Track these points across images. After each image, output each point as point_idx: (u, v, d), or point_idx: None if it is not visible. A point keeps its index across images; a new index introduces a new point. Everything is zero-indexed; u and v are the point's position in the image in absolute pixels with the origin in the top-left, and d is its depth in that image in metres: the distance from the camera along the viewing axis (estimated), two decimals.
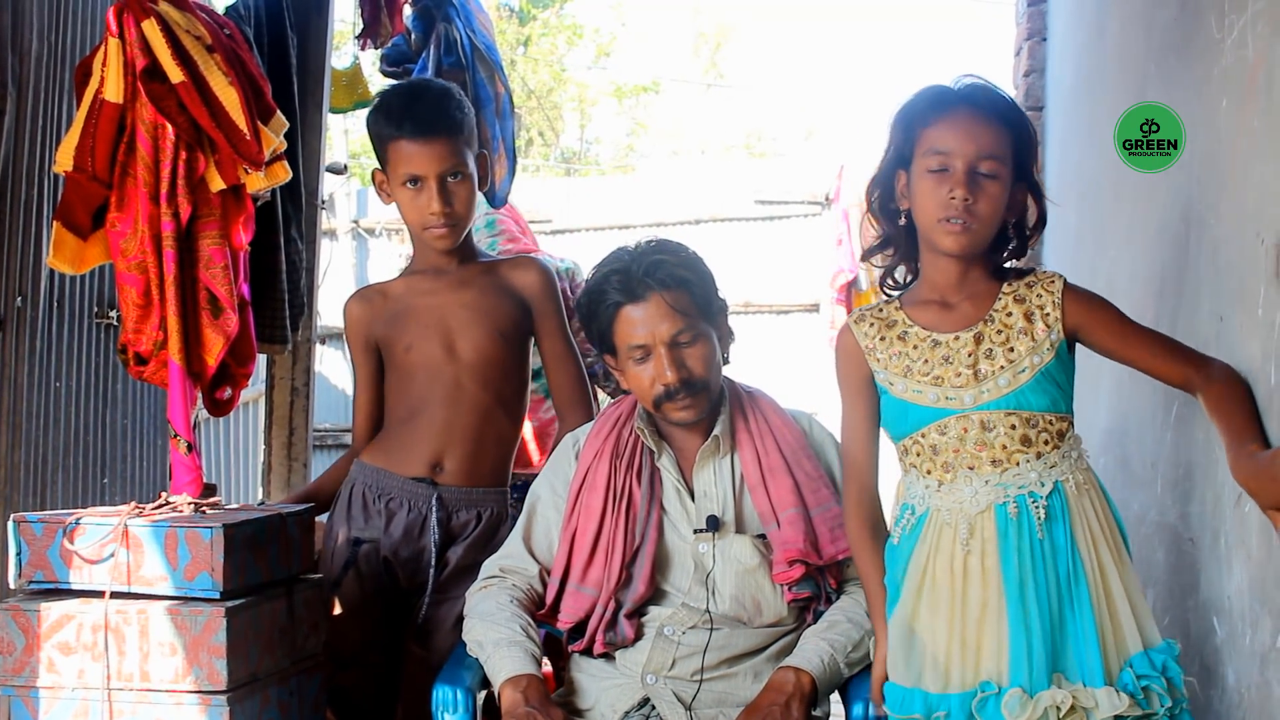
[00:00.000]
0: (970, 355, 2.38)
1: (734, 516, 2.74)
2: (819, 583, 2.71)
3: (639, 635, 2.70)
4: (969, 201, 2.32)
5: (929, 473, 2.40)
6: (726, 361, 2.81)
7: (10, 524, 2.78)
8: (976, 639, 2.32)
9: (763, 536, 2.71)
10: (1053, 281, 2.43)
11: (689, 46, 27.30)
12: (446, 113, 3.11)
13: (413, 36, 4.93)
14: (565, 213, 10.95)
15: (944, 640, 2.34)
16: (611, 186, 13.31)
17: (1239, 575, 2.46)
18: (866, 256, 2.60)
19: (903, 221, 2.48)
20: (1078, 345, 2.45)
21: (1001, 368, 2.37)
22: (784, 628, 2.73)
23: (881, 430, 2.56)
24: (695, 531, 2.72)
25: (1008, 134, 2.37)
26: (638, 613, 2.71)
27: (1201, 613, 2.70)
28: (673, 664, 2.68)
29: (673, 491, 2.76)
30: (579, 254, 5.28)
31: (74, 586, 2.73)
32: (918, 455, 2.42)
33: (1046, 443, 2.37)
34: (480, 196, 3.35)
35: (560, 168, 21.42)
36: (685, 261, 2.74)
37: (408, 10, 4.93)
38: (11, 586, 2.83)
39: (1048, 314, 2.39)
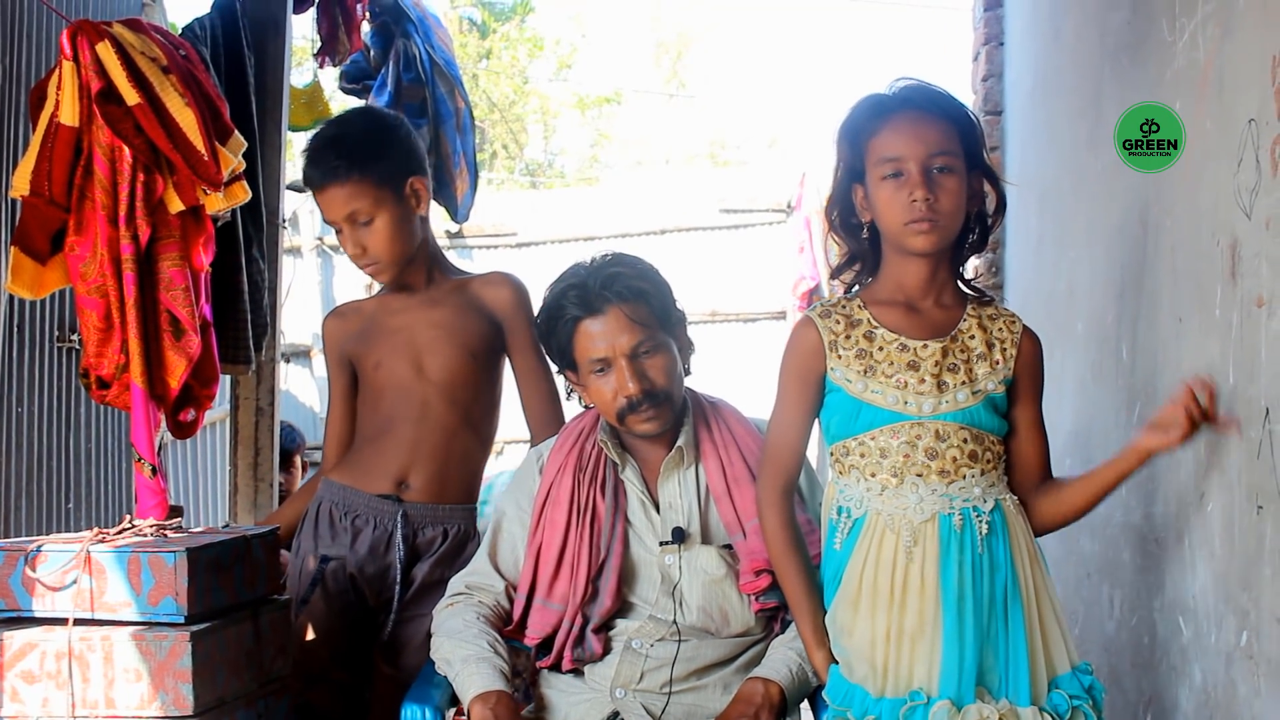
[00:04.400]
0: (936, 365, 2.39)
1: (699, 527, 2.73)
2: None
3: (607, 649, 2.70)
4: (931, 200, 2.34)
5: (873, 475, 2.40)
6: (688, 372, 2.81)
7: None
8: (911, 648, 2.34)
9: (729, 547, 2.71)
10: (1014, 321, 2.48)
11: (650, 57, 27.39)
12: (345, 155, 3.06)
13: (371, 53, 4.94)
14: (530, 225, 10.94)
15: (881, 646, 2.36)
16: (576, 198, 13.29)
17: (1203, 575, 2.48)
18: (836, 275, 2.61)
19: (865, 235, 2.49)
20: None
21: (963, 383, 2.40)
22: (752, 637, 2.73)
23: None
24: (661, 544, 2.71)
25: (952, 127, 2.39)
26: (605, 627, 2.70)
27: (1167, 613, 2.72)
28: (641, 677, 2.67)
29: (637, 504, 2.76)
30: (545, 267, 5.28)
31: (37, 614, 2.71)
32: (862, 457, 2.41)
33: (989, 461, 2.41)
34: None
35: (525, 180, 21.42)
36: (642, 273, 2.74)
37: (366, 27, 4.93)
38: None
39: (1006, 349, 2.44)
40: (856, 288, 2.54)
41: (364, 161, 3.07)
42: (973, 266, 4.64)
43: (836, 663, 2.44)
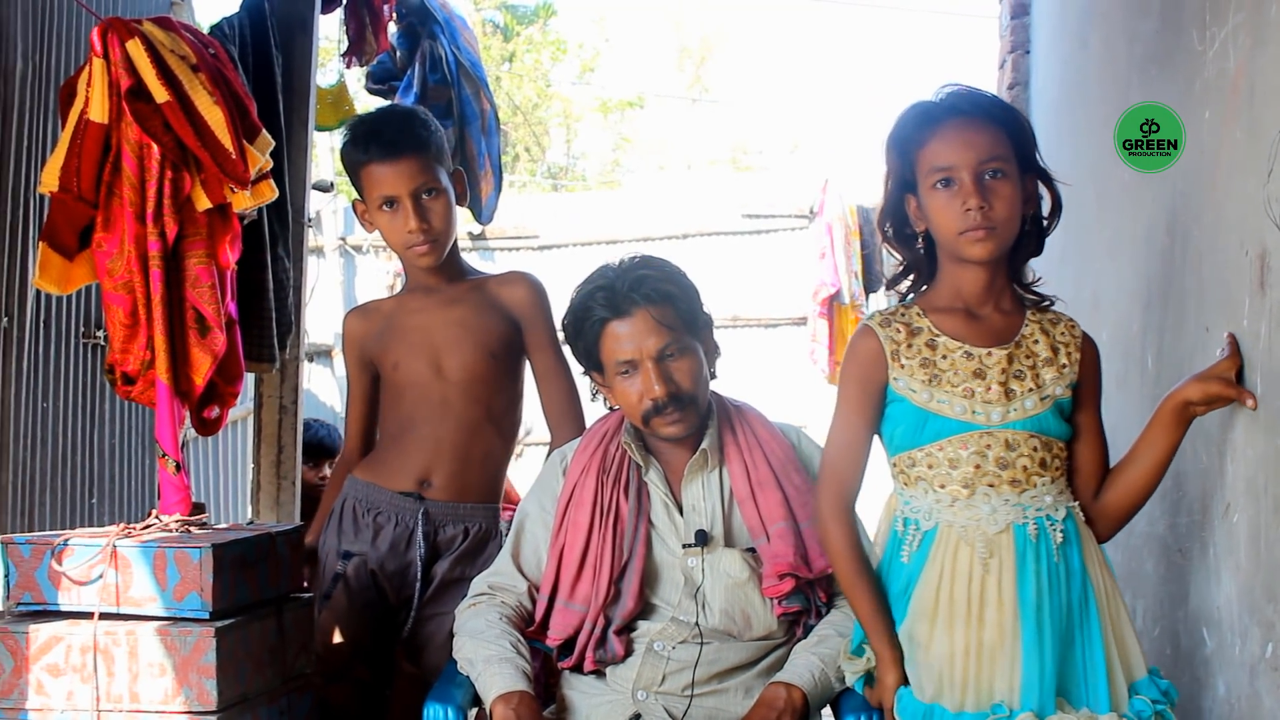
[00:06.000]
0: (1003, 373, 2.37)
1: (723, 531, 2.73)
2: (809, 596, 2.70)
3: (629, 651, 2.70)
4: (985, 208, 2.32)
5: (943, 487, 2.37)
6: (713, 376, 2.81)
7: None
8: (991, 661, 2.30)
9: (752, 550, 2.71)
10: (1073, 326, 2.46)
11: (673, 61, 27.38)
12: (411, 131, 3.14)
13: (398, 54, 4.94)
14: (552, 228, 10.95)
15: (960, 660, 2.32)
16: (598, 202, 13.31)
17: (1228, 586, 2.47)
18: (892, 285, 2.55)
19: (920, 245, 2.47)
20: None
21: (1030, 390, 2.37)
22: (774, 641, 2.73)
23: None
24: (684, 546, 2.71)
25: (1002, 131, 2.37)
26: (627, 629, 2.71)
27: (1191, 624, 2.71)
28: (663, 679, 2.67)
29: (660, 506, 2.76)
30: (566, 269, 5.30)
31: (63, 608, 2.73)
32: (929, 468, 2.38)
33: (1058, 469, 2.39)
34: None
35: (547, 183, 21.45)
36: (669, 276, 2.74)
37: (393, 28, 4.94)
38: None
39: (1070, 353, 2.42)
40: (911, 295, 2.51)
41: (432, 138, 3.17)
42: None
43: (907, 684, 2.39)
